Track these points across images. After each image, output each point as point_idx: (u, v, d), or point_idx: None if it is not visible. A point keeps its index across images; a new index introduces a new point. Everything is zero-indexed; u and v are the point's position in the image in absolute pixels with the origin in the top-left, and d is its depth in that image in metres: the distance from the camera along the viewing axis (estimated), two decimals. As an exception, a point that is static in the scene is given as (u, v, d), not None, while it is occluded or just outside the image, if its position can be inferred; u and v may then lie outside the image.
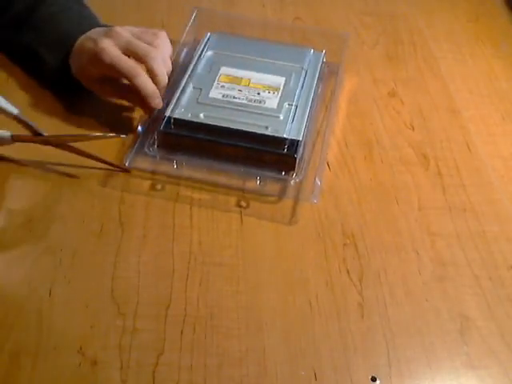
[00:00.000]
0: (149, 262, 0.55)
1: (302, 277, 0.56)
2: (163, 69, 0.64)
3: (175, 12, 0.85)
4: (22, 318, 0.50)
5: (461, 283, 0.57)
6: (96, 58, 0.62)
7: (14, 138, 0.59)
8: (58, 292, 0.52)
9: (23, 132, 0.60)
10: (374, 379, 0.49)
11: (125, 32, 0.64)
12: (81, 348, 0.48)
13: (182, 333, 0.50)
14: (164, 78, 0.64)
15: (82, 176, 0.62)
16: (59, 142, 0.61)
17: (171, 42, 0.68)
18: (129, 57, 0.63)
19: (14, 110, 0.58)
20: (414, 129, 0.73)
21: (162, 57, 0.64)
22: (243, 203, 0.61)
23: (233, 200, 0.61)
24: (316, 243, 0.59)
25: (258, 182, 0.62)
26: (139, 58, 0.63)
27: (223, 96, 0.66)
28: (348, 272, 0.56)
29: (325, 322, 0.52)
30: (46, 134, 0.60)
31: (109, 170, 0.62)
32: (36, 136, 0.60)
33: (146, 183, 0.62)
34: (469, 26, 0.92)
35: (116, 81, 0.65)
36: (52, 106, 0.68)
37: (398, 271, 0.57)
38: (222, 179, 0.63)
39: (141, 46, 0.63)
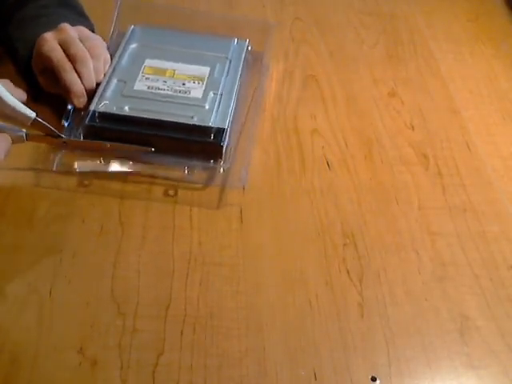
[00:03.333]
0: (149, 262, 0.55)
1: (302, 277, 0.56)
2: (92, 74, 0.64)
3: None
4: (22, 318, 0.50)
5: (461, 283, 0.57)
6: (37, 48, 0.63)
7: (29, 138, 0.58)
8: (58, 292, 0.52)
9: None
10: (373, 379, 0.49)
11: (72, 31, 0.65)
12: (81, 348, 0.48)
13: (182, 333, 0.50)
14: (90, 82, 0.64)
15: (81, 177, 0.62)
16: (76, 147, 0.61)
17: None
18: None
19: (32, 114, 0.57)
20: (413, 129, 0.73)
21: (97, 66, 0.65)
22: (171, 192, 0.61)
23: (161, 190, 0.61)
24: (316, 243, 0.59)
25: (186, 172, 0.62)
26: (72, 58, 0.63)
27: (148, 88, 0.66)
28: (348, 272, 0.56)
29: (324, 321, 0.52)
30: (64, 136, 0.60)
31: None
32: (51, 137, 0.59)
33: (74, 180, 0.61)
34: (469, 25, 0.92)
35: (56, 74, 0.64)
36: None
37: (397, 271, 0.57)
38: (150, 170, 0.63)
39: (77, 48, 0.63)
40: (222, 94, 0.66)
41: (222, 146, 0.61)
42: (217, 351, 0.50)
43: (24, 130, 0.57)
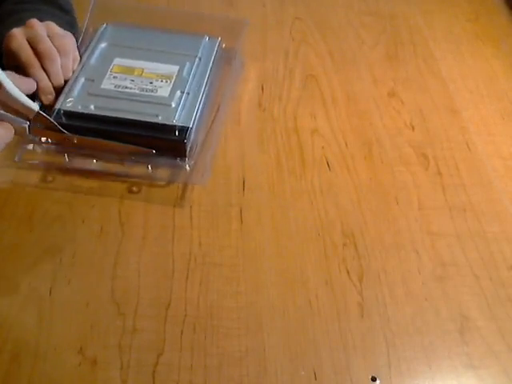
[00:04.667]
0: (149, 262, 0.55)
1: (302, 277, 0.56)
2: (59, 71, 0.64)
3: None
4: (22, 318, 0.50)
5: (461, 283, 0.57)
6: (5, 44, 0.63)
7: (31, 131, 0.58)
8: (58, 292, 0.52)
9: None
10: (373, 379, 0.49)
11: (40, 27, 0.64)
12: (81, 348, 0.49)
13: (182, 333, 0.50)
14: (58, 79, 0.63)
15: (81, 176, 0.62)
16: (78, 143, 0.61)
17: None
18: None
19: (36, 107, 0.58)
20: (413, 129, 0.73)
21: (65, 63, 0.64)
22: (135, 189, 0.61)
23: (125, 187, 0.61)
24: (316, 243, 0.59)
25: (151, 169, 0.63)
26: (40, 55, 0.62)
27: (115, 87, 0.66)
28: (348, 272, 0.56)
29: (325, 321, 0.52)
30: (66, 132, 0.60)
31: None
32: (54, 132, 0.59)
33: (37, 175, 0.61)
34: (468, 25, 0.92)
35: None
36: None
37: (397, 271, 0.57)
38: (116, 168, 0.63)
39: (45, 45, 0.63)
40: (188, 93, 0.66)
41: (186, 144, 0.62)
42: (217, 351, 0.50)
43: (28, 123, 0.57)
